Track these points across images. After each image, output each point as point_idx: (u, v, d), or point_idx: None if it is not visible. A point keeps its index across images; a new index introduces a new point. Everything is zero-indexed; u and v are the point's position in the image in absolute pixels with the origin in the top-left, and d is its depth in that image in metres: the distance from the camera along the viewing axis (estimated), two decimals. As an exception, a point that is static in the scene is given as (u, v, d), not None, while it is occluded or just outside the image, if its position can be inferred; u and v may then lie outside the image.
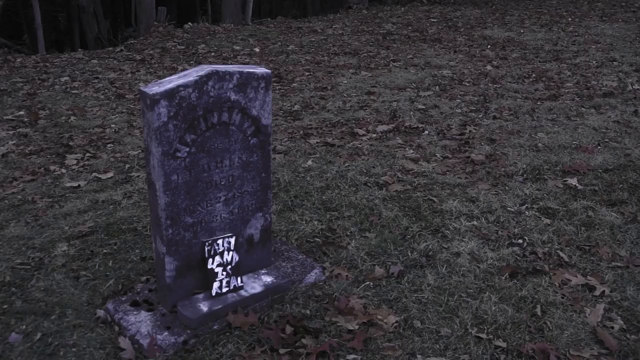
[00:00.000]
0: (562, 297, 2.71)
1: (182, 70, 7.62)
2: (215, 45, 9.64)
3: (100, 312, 2.60)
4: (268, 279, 2.73)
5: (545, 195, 3.77)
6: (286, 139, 4.99)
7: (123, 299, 2.67)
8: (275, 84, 7.02)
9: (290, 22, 12.58)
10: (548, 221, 3.43)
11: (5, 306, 2.68)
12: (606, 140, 4.75)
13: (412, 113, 5.66)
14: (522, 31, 10.53)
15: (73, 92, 6.81)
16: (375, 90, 6.58)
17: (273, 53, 9.03)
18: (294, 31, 11.19)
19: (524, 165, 4.23)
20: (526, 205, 3.64)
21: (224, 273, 2.57)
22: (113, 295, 2.75)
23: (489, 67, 7.68)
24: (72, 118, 5.74)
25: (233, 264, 2.59)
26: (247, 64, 8.22)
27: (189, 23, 11.77)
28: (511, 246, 3.16)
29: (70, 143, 4.98)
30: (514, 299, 2.68)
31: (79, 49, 11.23)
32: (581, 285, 2.79)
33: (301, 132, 5.18)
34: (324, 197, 3.75)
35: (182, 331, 2.43)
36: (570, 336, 2.45)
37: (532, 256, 3.06)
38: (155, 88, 2.23)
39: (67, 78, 7.52)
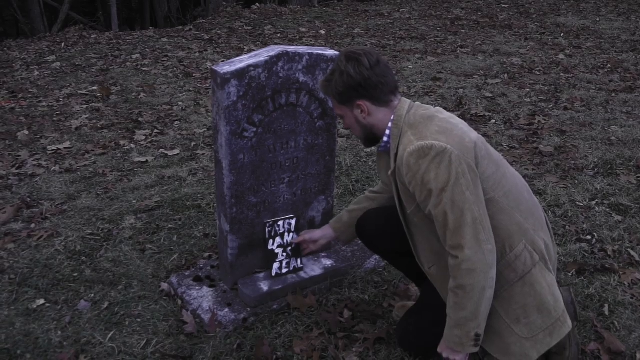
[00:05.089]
0: (632, 298, 2.59)
1: (248, 51, 7.68)
2: (282, 27, 9.68)
3: (165, 285, 2.68)
4: (328, 262, 2.73)
5: (617, 191, 3.61)
6: (349, 123, 4.96)
7: (186, 273, 2.74)
8: (339, 67, 6.97)
9: (357, 5, 12.47)
10: (619, 218, 3.28)
11: (75, 274, 2.80)
12: (687, 136, 4.50)
13: (478, 101, 5.52)
14: (597, 20, 10.07)
15: (143, 69, 6.99)
16: (441, 77, 6.44)
17: (339, 36, 8.98)
18: (361, 14, 11.09)
19: (596, 159, 4.06)
20: (596, 200, 3.50)
21: (284, 254, 2.59)
22: (177, 269, 2.83)
23: (561, 56, 7.39)
24: (142, 95, 5.90)
25: (293, 246, 2.61)
26: (313, 46, 8.22)
27: (257, 4, 11.85)
28: (579, 242, 3.05)
29: (140, 119, 5.12)
30: (580, 296, 2.59)
31: (150, 27, 11.50)
32: (653, 287, 2.67)
33: (364, 116, 5.14)
34: (385, 183, 3.72)
35: (242, 309, 2.47)
36: (639, 338, 2.35)
37: (601, 253, 2.94)
38: (227, 67, 2.24)
39: (138, 55, 7.73)
